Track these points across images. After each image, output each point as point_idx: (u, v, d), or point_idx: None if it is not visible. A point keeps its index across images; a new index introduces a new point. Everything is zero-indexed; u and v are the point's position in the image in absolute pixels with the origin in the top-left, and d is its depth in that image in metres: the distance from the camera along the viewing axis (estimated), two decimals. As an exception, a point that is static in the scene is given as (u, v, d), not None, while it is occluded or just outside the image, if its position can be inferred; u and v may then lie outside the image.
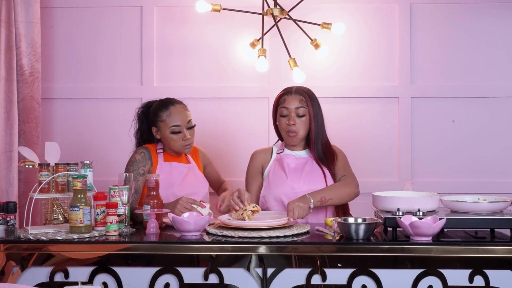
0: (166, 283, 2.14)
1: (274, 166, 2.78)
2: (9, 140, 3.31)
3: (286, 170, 2.73)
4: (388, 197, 2.34)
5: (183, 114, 2.78)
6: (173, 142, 2.76)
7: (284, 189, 2.69)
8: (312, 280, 2.11)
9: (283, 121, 2.73)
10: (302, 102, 2.71)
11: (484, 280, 2.09)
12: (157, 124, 2.79)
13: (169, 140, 2.77)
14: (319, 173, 2.72)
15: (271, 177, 2.76)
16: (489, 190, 3.44)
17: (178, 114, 2.77)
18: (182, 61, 3.71)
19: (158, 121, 2.78)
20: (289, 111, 2.71)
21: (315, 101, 2.75)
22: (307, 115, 2.71)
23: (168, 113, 2.76)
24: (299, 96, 2.72)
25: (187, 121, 2.78)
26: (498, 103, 3.62)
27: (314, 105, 2.73)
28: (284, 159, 2.76)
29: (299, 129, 2.71)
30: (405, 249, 2.11)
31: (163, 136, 2.79)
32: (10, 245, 2.19)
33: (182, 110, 2.79)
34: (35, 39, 3.46)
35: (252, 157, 2.86)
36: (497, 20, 3.63)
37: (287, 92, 2.75)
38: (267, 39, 3.54)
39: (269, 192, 2.74)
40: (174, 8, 3.70)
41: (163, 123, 2.76)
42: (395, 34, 3.64)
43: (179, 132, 2.76)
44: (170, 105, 2.79)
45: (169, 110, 2.77)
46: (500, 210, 2.27)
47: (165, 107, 2.78)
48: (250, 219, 2.36)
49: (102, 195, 2.31)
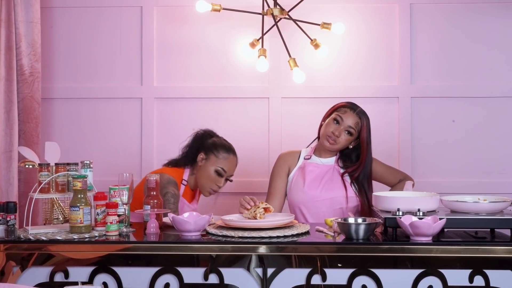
0: (166, 283, 2.14)
1: (298, 172, 2.84)
2: (9, 140, 3.31)
3: (306, 178, 2.78)
4: (388, 197, 2.34)
5: (233, 167, 2.89)
6: (207, 180, 2.83)
7: (301, 197, 2.77)
8: (312, 280, 2.11)
9: (332, 126, 2.77)
10: (357, 125, 2.77)
11: (484, 280, 2.09)
12: (210, 155, 2.84)
13: (205, 176, 2.83)
14: (338, 181, 2.78)
15: (293, 183, 2.82)
16: (489, 190, 3.44)
17: (232, 164, 2.87)
18: (182, 61, 3.71)
19: (213, 154, 2.84)
20: (343, 124, 2.77)
21: (367, 129, 2.79)
22: (354, 136, 2.77)
23: (226, 157, 2.84)
24: (357, 119, 2.77)
25: (231, 174, 2.88)
26: (498, 103, 3.62)
27: (363, 134, 2.78)
28: (307, 167, 2.82)
29: (340, 142, 2.77)
30: (405, 249, 2.10)
31: (203, 168, 2.84)
32: (10, 245, 2.19)
33: (235, 164, 2.89)
34: (35, 39, 3.46)
35: (279, 158, 2.91)
36: (497, 20, 3.63)
37: (351, 108, 2.79)
38: (267, 39, 3.54)
39: (290, 197, 2.83)
40: (174, 8, 3.70)
41: (215, 159, 2.83)
42: (395, 34, 3.64)
43: (220, 176, 2.82)
44: (232, 154, 2.88)
45: (229, 156, 2.86)
46: (500, 210, 2.27)
47: (228, 151, 2.86)
48: (262, 217, 2.37)
49: (102, 195, 2.31)
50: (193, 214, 2.36)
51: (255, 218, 2.37)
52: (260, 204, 2.41)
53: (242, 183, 3.56)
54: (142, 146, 3.69)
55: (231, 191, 3.57)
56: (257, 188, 3.53)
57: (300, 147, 3.01)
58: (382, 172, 2.87)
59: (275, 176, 2.88)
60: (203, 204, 3.49)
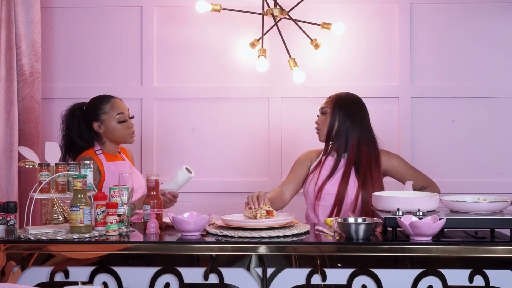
0: (166, 283, 2.14)
1: (316, 166, 2.87)
2: (9, 140, 3.31)
3: (322, 171, 2.81)
4: (388, 197, 2.34)
5: (123, 104, 2.89)
6: (119, 132, 2.83)
7: (312, 189, 2.80)
8: (312, 280, 2.11)
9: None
10: (327, 103, 2.85)
11: (484, 280, 2.09)
12: (100, 117, 2.83)
13: (114, 131, 2.83)
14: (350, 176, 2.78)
15: (310, 177, 2.85)
16: (489, 190, 3.44)
17: (120, 104, 2.88)
18: (182, 61, 3.71)
19: (100, 114, 2.83)
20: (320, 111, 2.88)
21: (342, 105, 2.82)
22: (329, 113, 2.82)
23: (111, 105, 2.85)
24: (328, 98, 2.88)
25: (127, 110, 2.88)
26: (498, 103, 3.62)
27: (337, 108, 2.82)
28: (326, 161, 2.85)
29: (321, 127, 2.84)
30: (405, 249, 2.11)
31: (108, 129, 2.83)
32: (10, 245, 2.20)
33: (121, 101, 2.90)
34: (35, 39, 3.46)
35: (304, 152, 2.96)
36: (497, 20, 3.63)
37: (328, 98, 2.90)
38: (267, 39, 3.54)
39: (304, 190, 2.87)
40: (174, 8, 3.70)
41: (107, 115, 2.83)
42: (395, 34, 3.64)
43: (124, 120, 2.84)
44: (111, 98, 2.88)
45: (110, 102, 2.86)
46: (500, 210, 2.26)
47: (105, 100, 2.87)
48: (262, 218, 2.37)
49: (102, 195, 2.31)
50: (193, 214, 2.36)
51: (255, 218, 2.37)
52: (264, 206, 2.41)
53: (242, 183, 3.56)
54: (142, 146, 3.69)
55: (231, 191, 3.58)
56: (257, 188, 3.50)
57: (300, 147, 3.03)
58: (401, 169, 2.85)
59: (298, 164, 2.92)
60: (203, 204, 3.50)
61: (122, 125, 2.83)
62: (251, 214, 2.40)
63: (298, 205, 3.11)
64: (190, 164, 3.66)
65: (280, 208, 2.80)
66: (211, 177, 3.67)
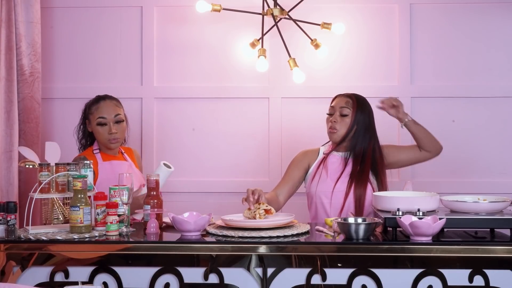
0: (166, 283, 2.15)
1: (318, 165, 2.84)
2: (9, 140, 3.31)
3: (329, 169, 2.80)
4: (388, 197, 2.34)
5: (111, 108, 2.86)
6: (99, 135, 2.85)
7: (323, 187, 2.77)
8: (312, 280, 2.11)
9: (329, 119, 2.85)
10: (348, 104, 2.82)
11: (484, 280, 2.09)
12: (89, 116, 2.88)
13: (96, 133, 2.86)
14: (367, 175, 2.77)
15: (314, 176, 2.82)
16: (489, 190, 3.44)
17: (106, 107, 2.86)
18: (182, 61, 3.71)
19: (89, 114, 2.88)
20: (334, 109, 2.83)
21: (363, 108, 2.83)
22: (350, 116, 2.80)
23: (96, 107, 2.86)
24: (346, 98, 2.85)
25: (114, 115, 2.85)
26: (498, 103, 3.62)
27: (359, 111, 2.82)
28: (329, 159, 2.84)
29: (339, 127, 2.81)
30: (405, 249, 2.11)
31: (93, 130, 2.87)
32: (10, 245, 2.20)
33: (111, 105, 2.88)
34: (35, 39, 3.46)
35: (300, 153, 2.94)
36: (497, 20, 3.63)
37: (340, 95, 2.89)
38: (267, 39, 3.54)
39: (310, 190, 2.83)
40: (174, 8, 3.70)
41: (92, 116, 2.87)
42: (395, 34, 3.64)
43: (104, 124, 2.83)
44: (101, 100, 2.89)
45: (98, 103, 2.87)
46: (500, 210, 2.27)
47: (96, 101, 2.90)
48: (262, 218, 2.37)
49: (102, 195, 2.31)
50: (193, 214, 2.36)
51: (255, 218, 2.37)
52: (262, 205, 2.41)
53: (242, 183, 3.55)
54: (142, 146, 3.69)
55: (231, 191, 3.58)
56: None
57: (300, 147, 3.02)
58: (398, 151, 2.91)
59: (293, 166, 2.89)
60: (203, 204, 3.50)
61: (101, 129, 2.84)
62: (250, 215, 2.40)
63: (298, 205, 3.12)
64: (190, 164, 3.69)
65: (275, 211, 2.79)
66: (211, 177, 3.68)
